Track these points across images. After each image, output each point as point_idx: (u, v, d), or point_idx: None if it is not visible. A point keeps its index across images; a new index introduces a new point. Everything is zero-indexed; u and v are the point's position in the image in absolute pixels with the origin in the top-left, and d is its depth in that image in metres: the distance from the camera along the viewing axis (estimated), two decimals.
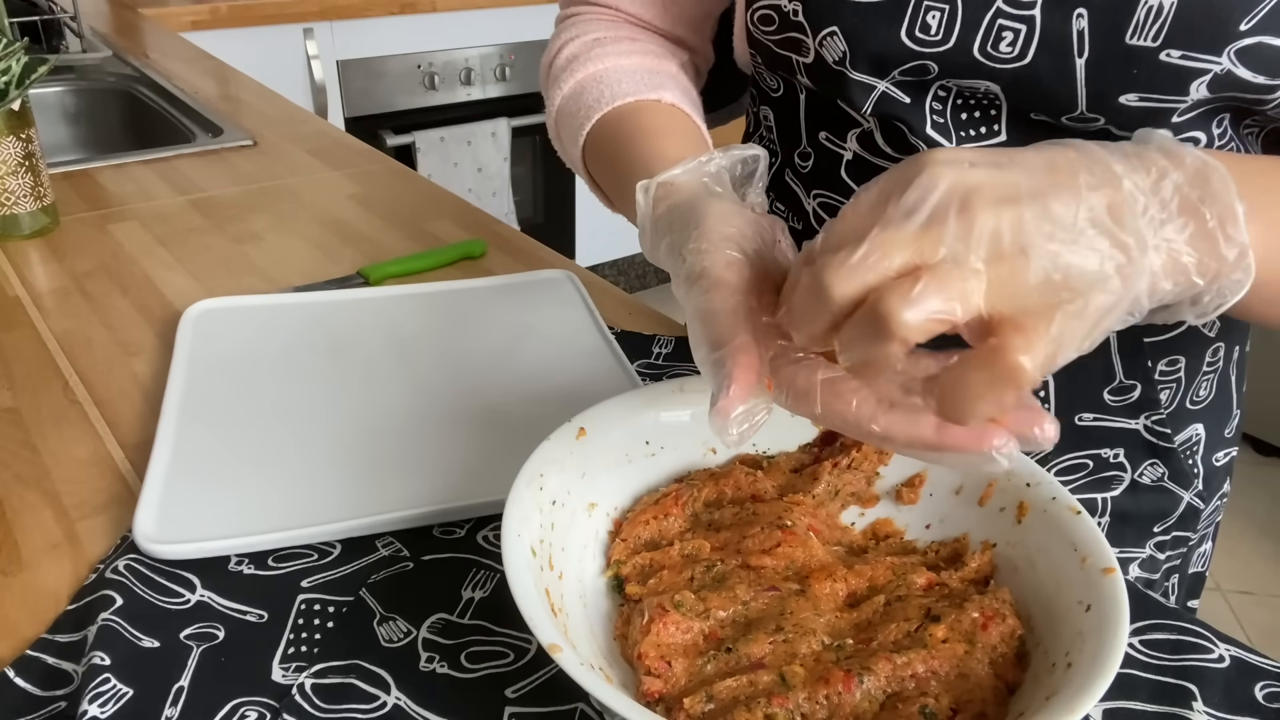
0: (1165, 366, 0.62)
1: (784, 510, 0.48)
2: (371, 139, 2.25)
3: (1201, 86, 0.49)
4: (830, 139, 0.61)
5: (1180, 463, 0.65)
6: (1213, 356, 0.64)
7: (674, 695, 0.40)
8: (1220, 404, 0.66)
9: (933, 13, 0.51)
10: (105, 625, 0.46)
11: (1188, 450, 0.65)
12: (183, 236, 0.92)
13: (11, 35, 0.89)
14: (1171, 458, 0.64)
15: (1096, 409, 0.62)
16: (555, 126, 0.66)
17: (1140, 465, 0.64)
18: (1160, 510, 0.66)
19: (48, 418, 0.64)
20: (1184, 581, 0.72)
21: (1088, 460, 0.64)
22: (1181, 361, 0.62)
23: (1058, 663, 0.39)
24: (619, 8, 0.67)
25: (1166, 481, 0.65)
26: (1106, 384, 0.62)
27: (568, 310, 0.78)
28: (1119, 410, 0.63)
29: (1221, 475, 0.69)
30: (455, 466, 0.58)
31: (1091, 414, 0.63)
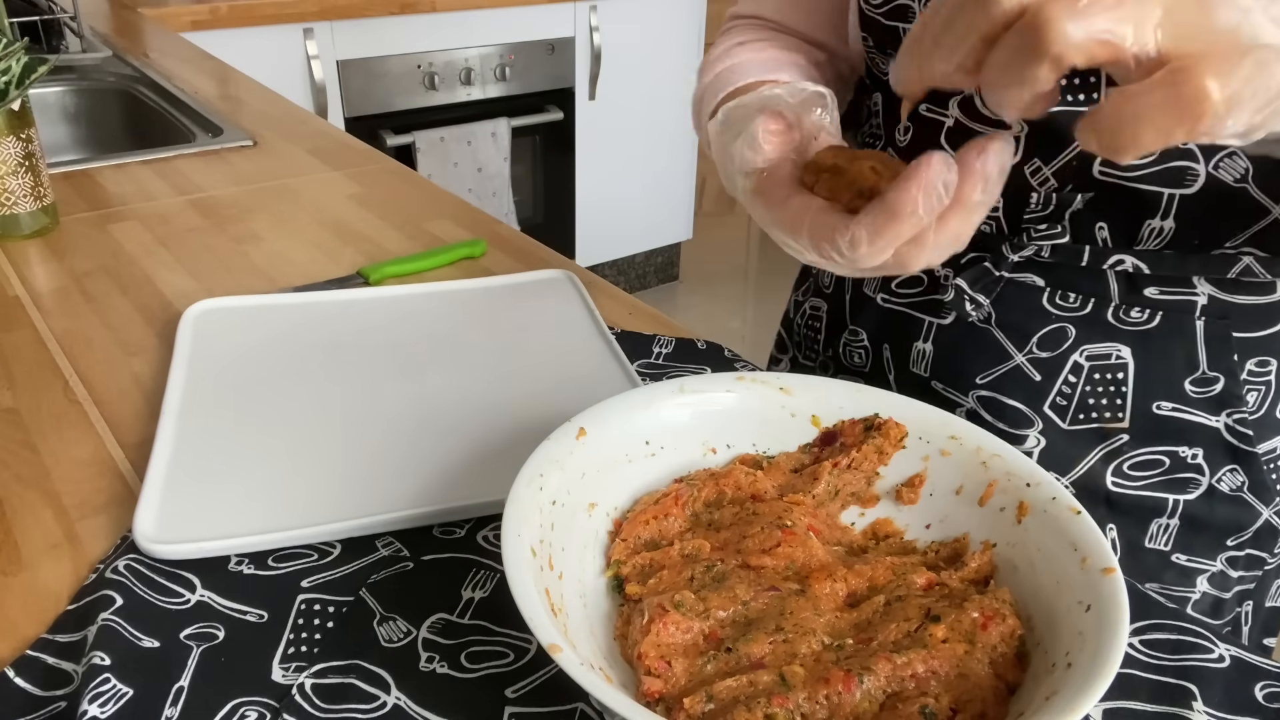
0: (1255, 366, 0.60)
1: (784, 510, 0.48)
2: (371, 139, 2.25)
3: None
4: (930, 109, 0.62)
5: (1263, 474, 0.62)
6: None
7: (674, 695, 0.40)
8: None
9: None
10: (105, 625, 0.46)
11: (1272, 462, 0.62)
12: (183, 236, 0.92)
13: (11, 35, 0.89)
14: (1253, 466, 0.61)
15: (1176, 399, 0.60)
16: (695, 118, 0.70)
17: (1219, 470, 0.61)
18: (1236, 522, 0.63)
19: (48, 418, 0.64)
20: (1259, 613, 0.68)
21: (1164, 457, 0.61)
22: (1274, 365, 0.60)
23: (1058, 663, 0.39)
24: (762, 15, 0.72)
25: (1245, 492, 0.62)
26: (1189, 373, 0.59)
27: (568, 310, 0.78)
28: (1200, 404, 0.60)
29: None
30: (455, 466, 0.58)
31: (1170, 404, 0.60)
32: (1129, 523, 0.63)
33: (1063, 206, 0.59)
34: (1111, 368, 0.60)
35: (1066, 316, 0.61)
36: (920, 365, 0.66)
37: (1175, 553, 0.63)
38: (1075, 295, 0.61)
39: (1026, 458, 0.48)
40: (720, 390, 0.53)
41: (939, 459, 0.50)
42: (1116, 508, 0.63)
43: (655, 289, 3.18)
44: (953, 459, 0.50)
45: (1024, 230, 0.60)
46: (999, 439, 0.49)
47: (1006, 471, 0.48)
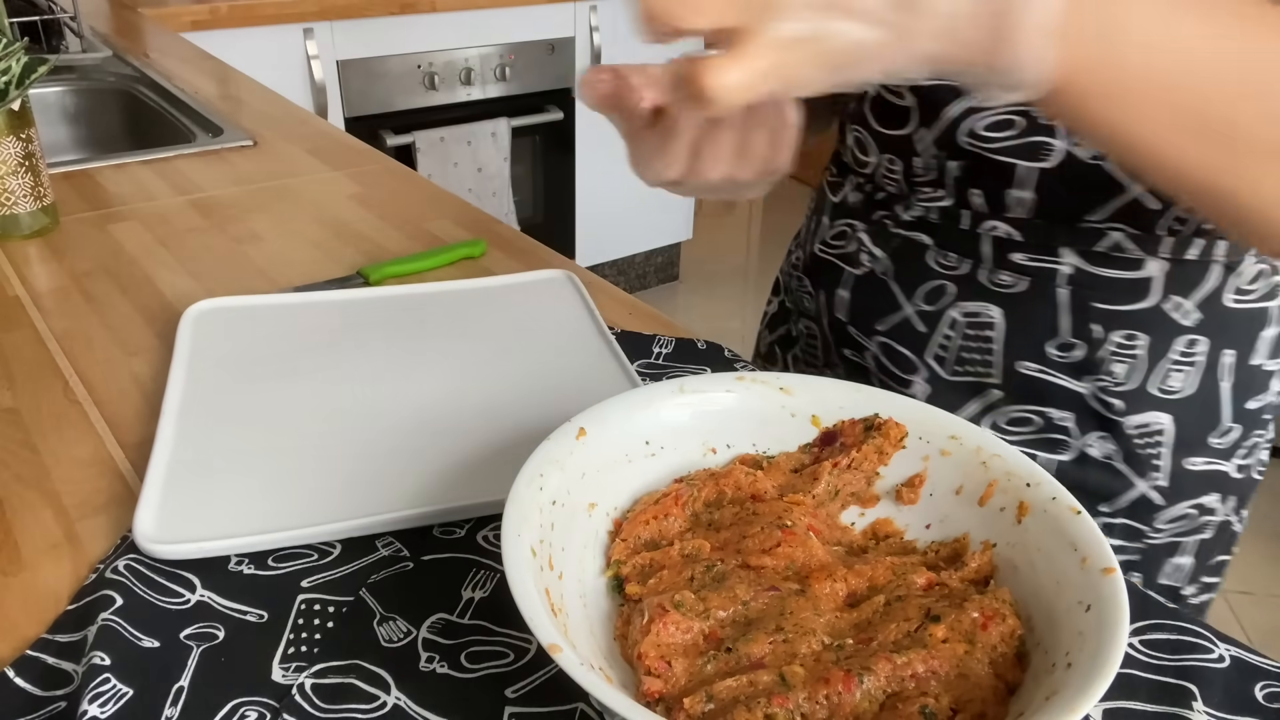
0: (1123, 339, 0.62)
1: (784, 510, 0.48)
2: (371, 139, 2.25)
3: None
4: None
5: (1134, 446, 0.64)
6: (1189, 348, 0.63)
7: (674, 695, 0.40)
8: (1201, 406, 0.64)
9: None
10: (105, 625, 0.46)
11: (1147, 437, 0.64)
12: (183, 236, 0.92)
13: (11, 35, 0.89)
14: (1123, 437, 0.64)
15: (1040, 361, 0.64)
16: None
17: (1088, 435, 0.65)
18: (1108, 490, 0.65)
19: (48, 418, 0.64)
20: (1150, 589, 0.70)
21: (1035, 416, 0.65)
22: (1143, 340, 0.62)
23: (1058, 663, 0.39)
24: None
25: (1118, 461, 0.65)
26: (1050, 337, 0.63)
27: (568, 310, 0.78)
28: (1063, 368, 0.64)
29: (1199, 484, 0.66)
30: (455, 466, 0.58)
31: (1034, 365, 0.64)
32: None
33: (943, 172, 0.64)
34: (982, 325, 0.65)
35: (946, 274, 0.66)
36: (841, 310, 0.73)
37: None
38: (954, 255, 0.66)
39: (1027, 458, 0.48)
40: (720, 390, 0.53)
41: (939, 459, 0.50)
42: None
43: (655, 289, 3.18)
44: (953, 459, 0.50)
45: (915, 192, 0.67)
46: (999, 439, 0.49)
47: (1006, 471, 0.48)
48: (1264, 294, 0.63)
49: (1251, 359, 0.64)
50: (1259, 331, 0.64)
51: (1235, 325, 0.63)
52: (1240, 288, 0.62)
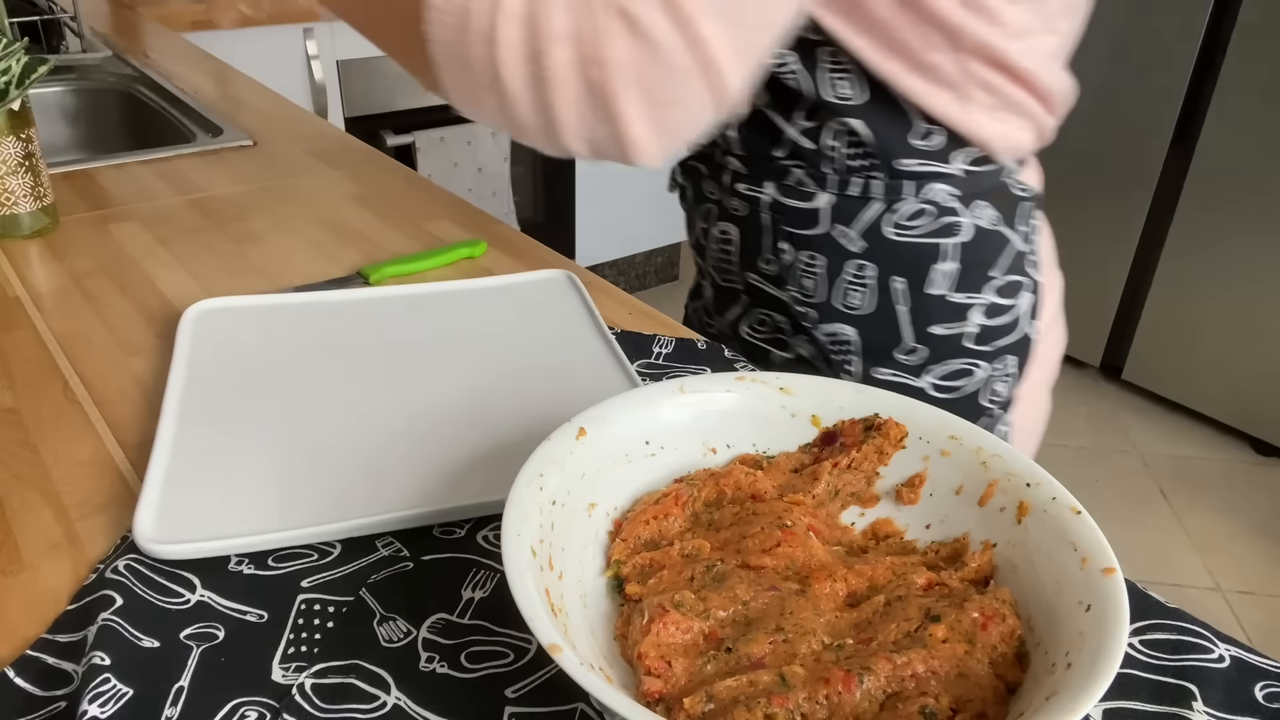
0: (806, 259, 0.74)
1: (784, 510, 0.48)
2: (371, 139, 2.25)
3: None
4: None
5: (828, 351, 0.76)
6: (859, 271, 0.73)
7: (674, 695, 0.40)
8: (880, 324, 0.74)
9: None
10: (105, 625, 0.46)
11: (837, 344, 0.76)
12: (183, 236, 0.92)
13: (11, 35, 0.89)
14: (818, 342, 0.76)
15: (756, 271, 0.78)
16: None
17: (797, 337, 0.78)
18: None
19: (48, 418, 0.64)
20: None
21: (767, 318, 0.80)
22: (822, 260, 0.74)
23: (1058, 663, 0.39)
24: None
25: (819, 362, 0.78)
26: (759, 255, 0.77)
27: (568, 310, 0.78)
28: (769, 278, 0.77)
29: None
30: (455, 466, 0.58)
31: (754, 275, 0.78)
32: (759, 364, 0.81)
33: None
34: (726, 241, 0.79)
35: (711, 200, 0.80)
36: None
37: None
38: (712, 184, 0.79)
39: (1027, 457, 0.48)
40: (720, 390, 0.53)
41: (939, 459, 0.50)
42: (748, 351, 0.83)
43: (655, 289, 3.18)
44: (953, 459, 0.50)
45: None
46: (999, 439, 0.49)
47: (1006, 471, 0.48)
48: (929, 231, 0.72)
49: (928, 289, 0.73)
50: (930, 265, 0.72)
51: (901, 256, 0.72)
52: (898, 223, 0.71)
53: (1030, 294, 0.76)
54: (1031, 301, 0.76)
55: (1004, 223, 0.73)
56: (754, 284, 0.78)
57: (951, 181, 0.70)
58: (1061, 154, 2.51)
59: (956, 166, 0.70)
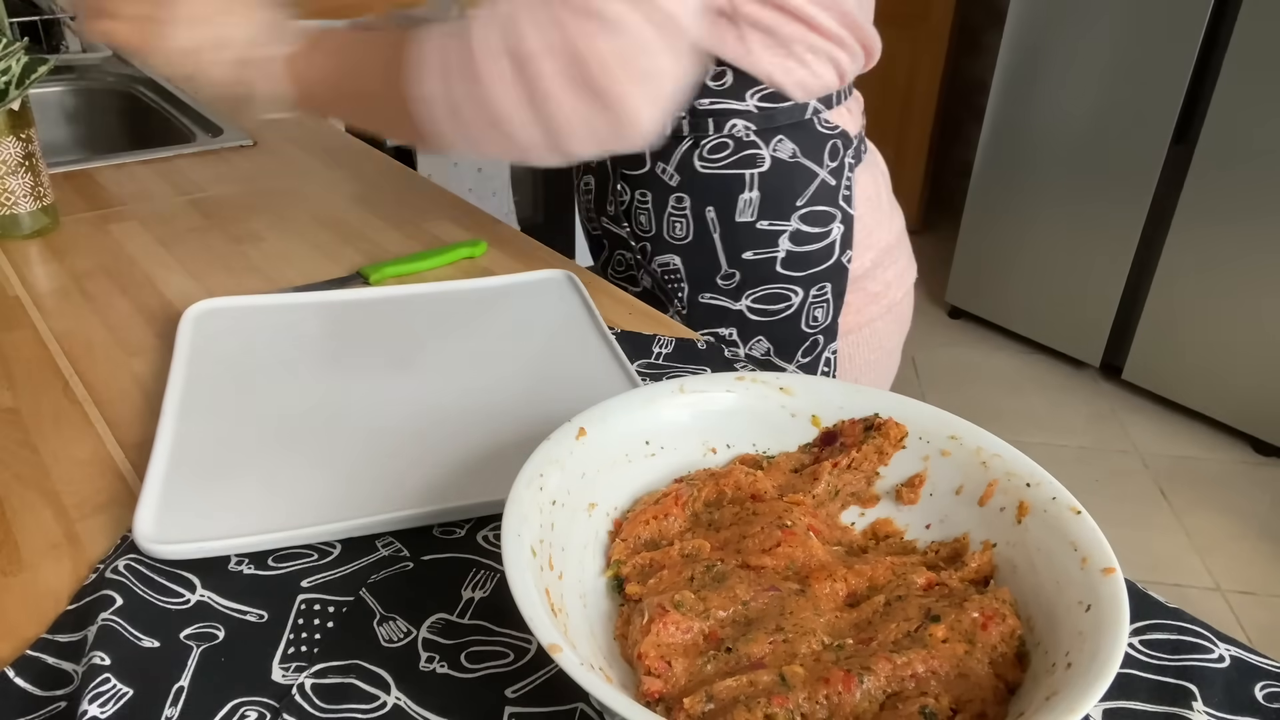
0: (640, 196, 0.83)
1: (784, 510, 0.48)
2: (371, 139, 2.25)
3: None
4: None
5: (661, 281, 0.86)
6: (678, 204, 0.82)
7: (674, 695, 0.40)
8: (699, 252, 0.83)
9: None
10: (105, 625, 0.46)
11: (669, 274, 0.85)
12: (183, 236, 0.92)
13: (11, 35, 0.89)
14: (653, 273, 0.86)
15: (605, 215, 0.88)
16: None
17: (640, 270, 0.88)
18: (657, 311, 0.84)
19: (48, 418, 0.64)
20: None
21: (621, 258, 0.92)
22: (649, 195, 0.83)
23: (1058, 663, 0.39)
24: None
25: (657, 291, 0.87)
26: (606, 198, 0.88)
27: (568, 310, 0.78)
28: (613, 219, 0.88)
29: (711, 317, 0.86)
30: (455, 466, 0.58)
31: (604, 219, 0.89)
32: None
33: None
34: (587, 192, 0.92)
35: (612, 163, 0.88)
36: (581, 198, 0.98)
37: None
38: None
39: (1027, 457, 0.48)
40: (720, 390, 0.53)
41: (939, 459, 0.50)
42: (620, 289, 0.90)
43: None
44: (953, 459, 0.50)
45: None
46: (999, 439, 0.49)
47: (1006, 471, 0.48)
48: (731, 163, 0.79)
49: (738, 217, 0.81)
50: (738, 194, 0.80)
51: (711, 187, 0.80)
52: (704, 156, 0.79)
53: (841, 225, 0.83)
54: (842, 232, 0.83)
55: (805, 155, 0.80)
56: (606, 227, 0.90)
57: (747, 117, 0.78)
58: (1062, 154, 2.51)
59: (750, 104, 0.77)
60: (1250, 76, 2.15)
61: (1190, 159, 2.30)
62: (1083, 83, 2.41)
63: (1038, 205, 2.62)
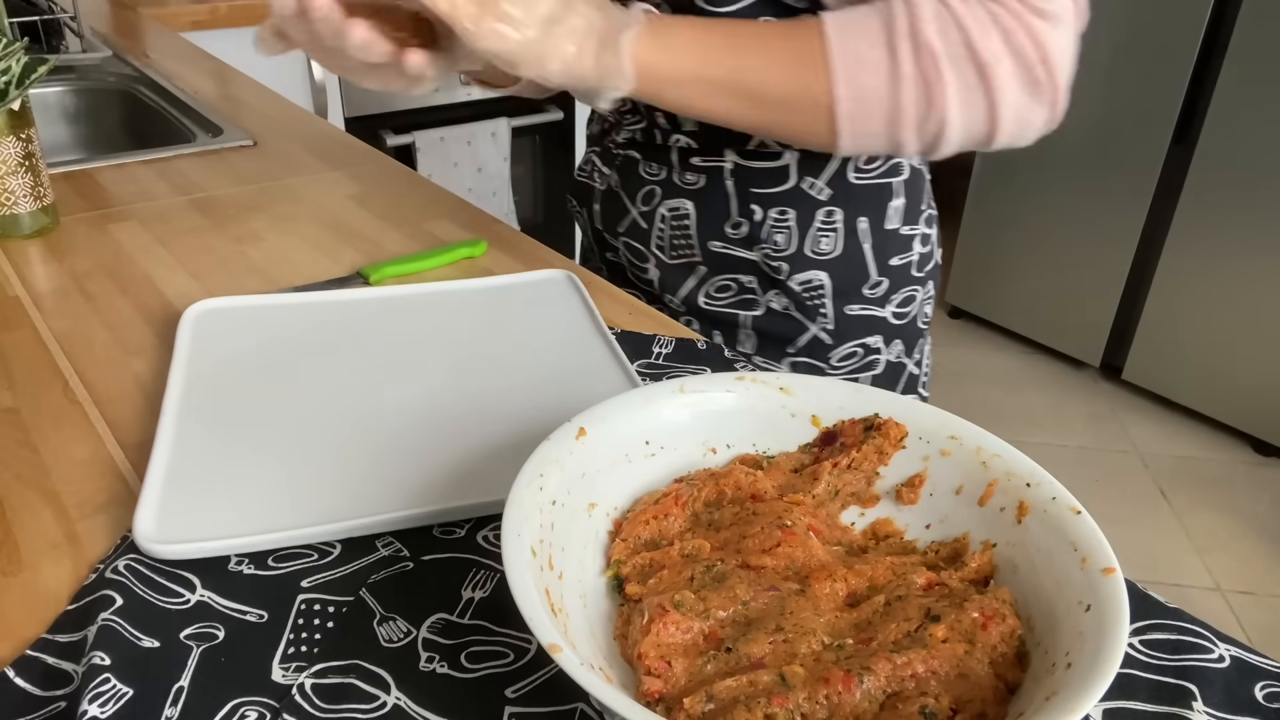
0: (776, 215, 0.80)
1: (784, 510, 0.48)
2: (371, 139, 2.25)
3: None
4: None
5: (802, 299, 0.83)
6: (828, 218, 0.80)
7: (674, 695, 0.40)
8: (849, 264, 0.82)
9: None
10: (105, 625, 0.46)
11: (810, 291, 0.83)
12: (183, 236, 0.92)
13: (11, 35, 0.89)
14: (790, 292, 0.83)
15: (722, 239, 0.83)
16: None
17: (768, 292, 0.83)
18: (789, 334, 0.85)
19: (48, 418, 0.64)
20: None
21: (731, 283, 0.84)
22: (791, 214, 0.80)
23: (1058, 663, 0.39)
24: None
25: (793, 311, 0.83)
26: (725, 219, 0.82)
27: (568, 310, 0.78)
28: (737, 242, 0.82)
29: (859, 327, 0.85)
30: (455, 466, 0.58)
31: (719, 243, 0.83)
32: (726, 331, 0.87)
33: (637, 102, 0.81)
34: (681, 216, 0.84)
35: (653, 181, 0.85)
36: (596, 220, 0.92)
37: (756, 355, 0.85)
38: (655, 164, 0.84)
39: (1027, 457, 0.48)
40: (720, 390, 0.53)
41: (939, 459, 0.50)
42: (712, 320, 0.87)
43: None
44: (953, 459, 0.50)
45: (621, 120, 0.86)
46: (999, 439, 0.49)
47: (1006, 471, 0.48)
48: (884, 171, 0.80)
49: (886, 225, 0.82)
50: (887, 202, 0.81)
51: (863, 197, 0.80)
52: (859, 167, 0.79)
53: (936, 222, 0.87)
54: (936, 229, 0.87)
55: (922, 160, 0.84)
56: (716, 251, 0.83)
57: None
58: (1062, 154, 2.51)
59: None
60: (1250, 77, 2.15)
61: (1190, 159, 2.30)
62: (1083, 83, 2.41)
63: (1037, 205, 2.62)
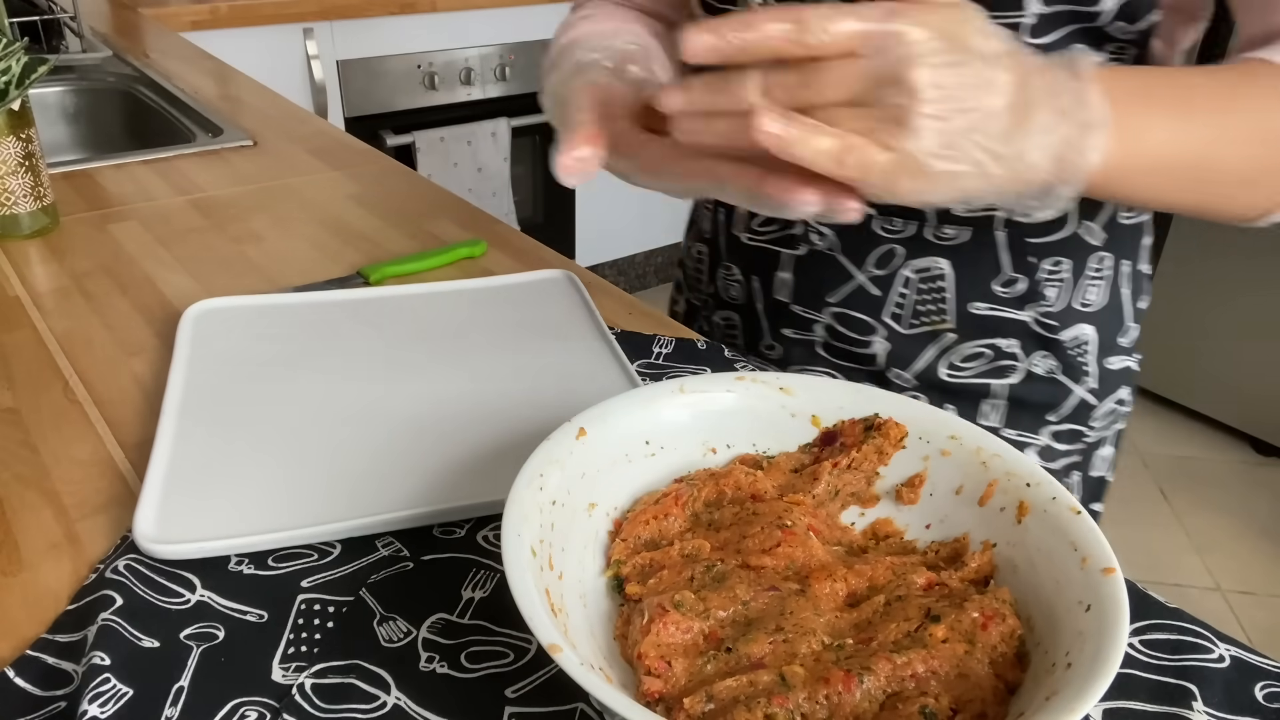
0: (1050, 266, 0.70)
1: (784, 510, 0.48)
2: (371, 139, 2.25)
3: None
4: None
5: (1069, 357, 0.73)
6: (1098, 264, 0.71)
7: (674, 695, 0.40)
8: (1112, 313, 0.74)
9: None
10: (105, 625, 0.46)
11: (1077, 348, 0.73)
12: (183, 236, 0.92)
13: (11, 35, 0.89)
14: (1060, 351, 0.73)
15: (988, 299, 0.71)
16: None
17: (1032, 355, 0.73)
18: (1052, 399, 0.74)
19: (48, 418, 0.64)
20: (1086, 483, 0.80)
21: (986, 349, 0.73)
22: (1066, 264, 0.70)
23: (1058, 663, 0.39)
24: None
25: (1059, 374, 0.74)
26: (995, 275, 0.71)
27: (568, 310, 0.78)
28: (1008, 302, 0.71)
29: (1117, 380, 0.76)
30: (455, 466, 0.58)
31: (985, 304, 0.72)
32: (965, 405, 0.75)
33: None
34: (933, 278, 0.72)
35: (894, 239, 0.71)
36: (782, 292, 0.78)
37: (1005, 428, 0.75)
38: (899, 220, 0.71)
39: (1027, 458, 0.48)
40: (720, 390, 0.53)
41: (939, 459, 0.50)
42: (952, 393, 0.75)
43: (655, 289, 3.18)
44: (953, 459, 0.50)
45: None
46: (999, 439, 0.49)
47: (1006, 471, 0.48)
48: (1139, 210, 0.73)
49: (1139, 265, 0.75)
50: (1141, 240, 0.74)
51: (1127, 239, 0.72)
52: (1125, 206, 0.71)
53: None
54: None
55: None
56: (977, 314, 0.72)
57: None
58: None
59: None
60: None
61: None
62: None
63: None
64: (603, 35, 0.65)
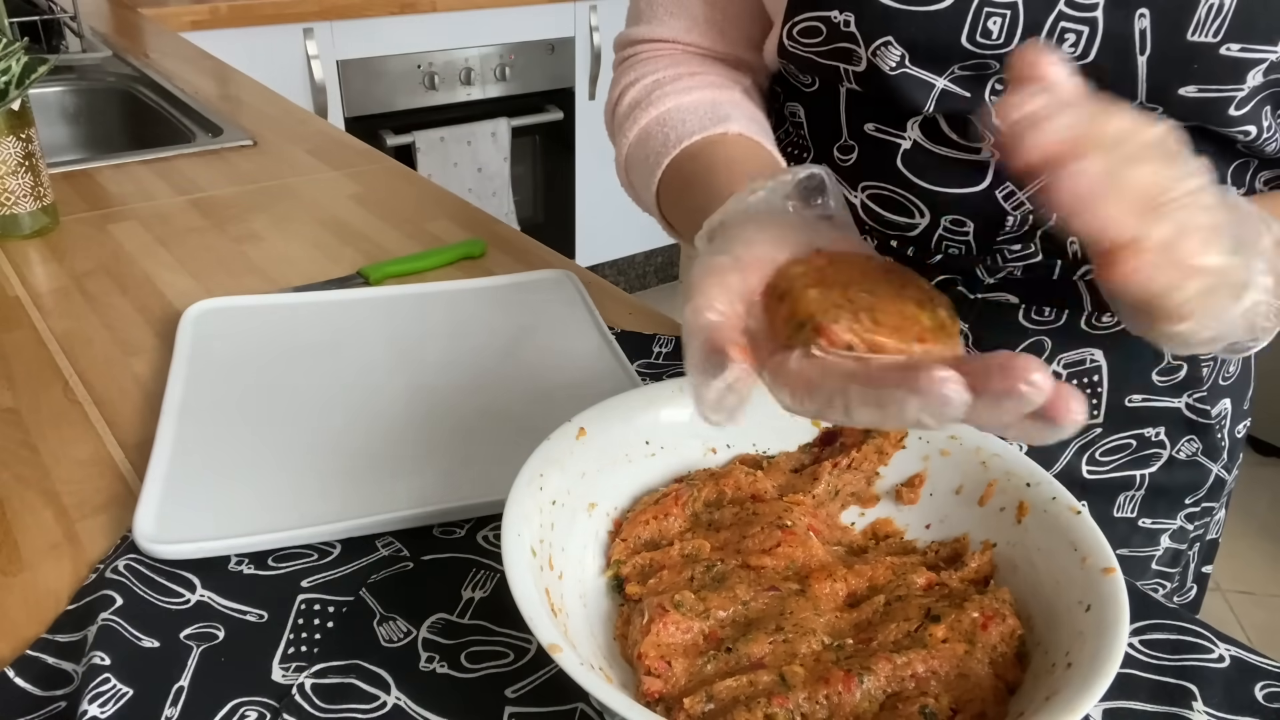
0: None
1: (784, 510, 0.48)
2: (371, 139, 2.25)
3: (1257, 74, 0.50)
4: (881, 129, 0.59)
5: (1213, 437, 0.68)
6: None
7: (674, 695, 0.40)
8: (1243, 377, 0.69)
9: (994, 18, 0.51)
10: (105, 625, 0.46)
11: (1219, 425, 0.68)
12: (183, 236, 0.92)
13: (11, 35, 0.89)
14: (1208, 433, 0.67)
15: (1146, 390, 0.64)
16: (625, 174, 0.66)
17: (1179, 441, 0.67)
18: (1193, 483, 0.69)
19: (48, 418, 0.64)
20: (1202, 549, 0.75)
21: (1131, 440, 0.66)
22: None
23: (1058, 663, 0.39)
24: (676, 40, 0.66)
25: (1200, 456, 0.68)
26: (1157, 364, 0.64)
27: (568, 310, 0.78)
28: (1165, 390, 0.65)
29: (1240, 445, 0.73)
30: (455, 466, 0.58)
31: (1141, 395, 0.65)
32: (1100, 499, 0.68)
33: (1036, 226, 0.59)
34: (1087, 371, 0.64)
35: (1042, 330, 0.63)
36: None
37: (1141, 518, 0.69)
38: (1049, 309, 0.62)
39: (1026, 457, 0.48)
40: None
41: (939, 459, 0.50)
42: (1089, 489, 0.67)
43: (655, 289, 3.18)
44: (952, 459, 0.50)
45: (997, 252, 0.61)
46: (998, 439, 0.49)
47: (1006, 471, 0.48)
48: None
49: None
50: None
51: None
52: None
53: None
54: None
55: None
56: (1132, 406, 0.65)
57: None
58: None
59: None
60: None
61: None
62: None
63: None
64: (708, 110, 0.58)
